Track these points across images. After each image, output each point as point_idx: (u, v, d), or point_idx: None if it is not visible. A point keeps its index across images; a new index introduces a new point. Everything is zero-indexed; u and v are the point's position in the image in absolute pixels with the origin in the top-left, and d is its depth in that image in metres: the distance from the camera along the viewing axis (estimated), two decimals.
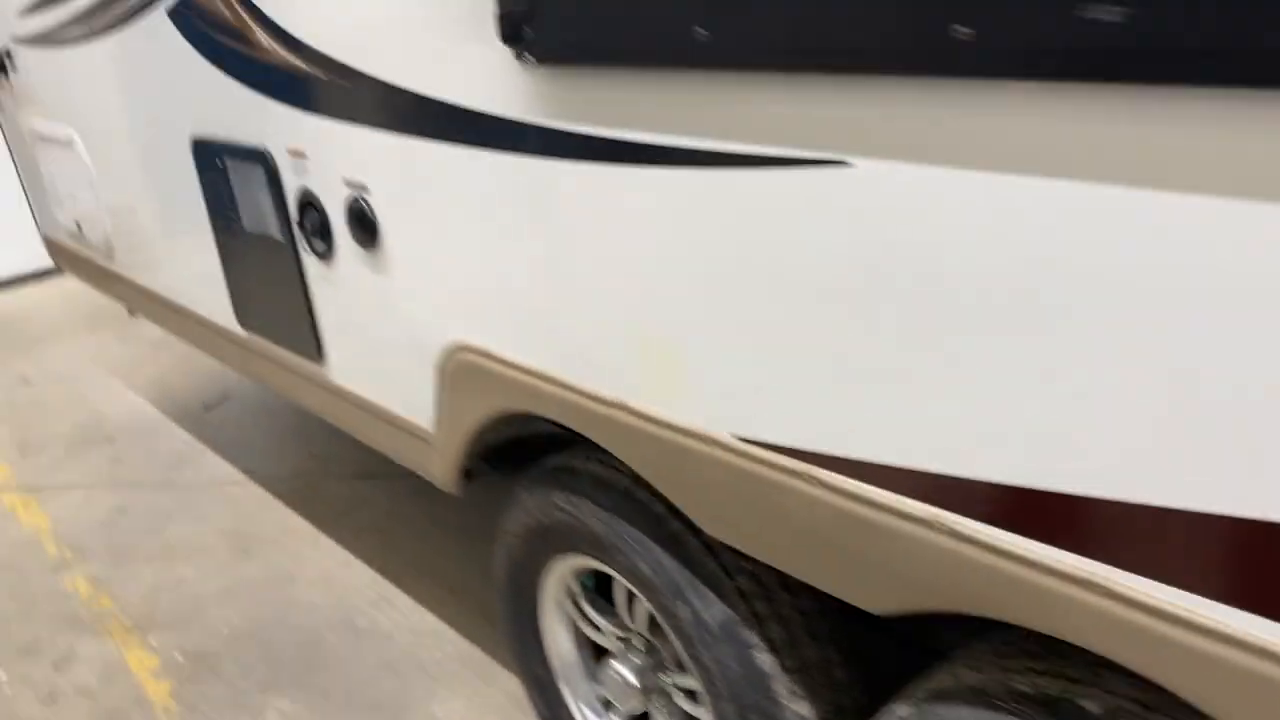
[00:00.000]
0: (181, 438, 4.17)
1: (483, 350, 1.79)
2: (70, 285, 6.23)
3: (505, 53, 1.44)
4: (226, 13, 2.10)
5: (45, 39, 3.16)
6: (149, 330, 5.30)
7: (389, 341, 2.06)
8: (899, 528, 1.17)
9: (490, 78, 1.50)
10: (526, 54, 1.38)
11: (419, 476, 2.29)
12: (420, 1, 1.58)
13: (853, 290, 1.12)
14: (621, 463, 1.74)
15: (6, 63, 3.62)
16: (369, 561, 3.15)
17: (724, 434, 1.36)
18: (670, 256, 1.32)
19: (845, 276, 1.13)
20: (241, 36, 2.09)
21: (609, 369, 1.52)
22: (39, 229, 4.18)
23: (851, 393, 1.18)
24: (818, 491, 1.26)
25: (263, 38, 2.02)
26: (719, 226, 1.24)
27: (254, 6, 2.01)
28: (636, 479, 1.73)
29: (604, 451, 1.78)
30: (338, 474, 3.70)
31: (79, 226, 3.53)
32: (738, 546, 1.45)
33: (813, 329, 1.19)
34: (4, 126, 4.04)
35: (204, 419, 4.32)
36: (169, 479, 3.83)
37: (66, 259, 3.98)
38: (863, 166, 1.06)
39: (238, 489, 3.69)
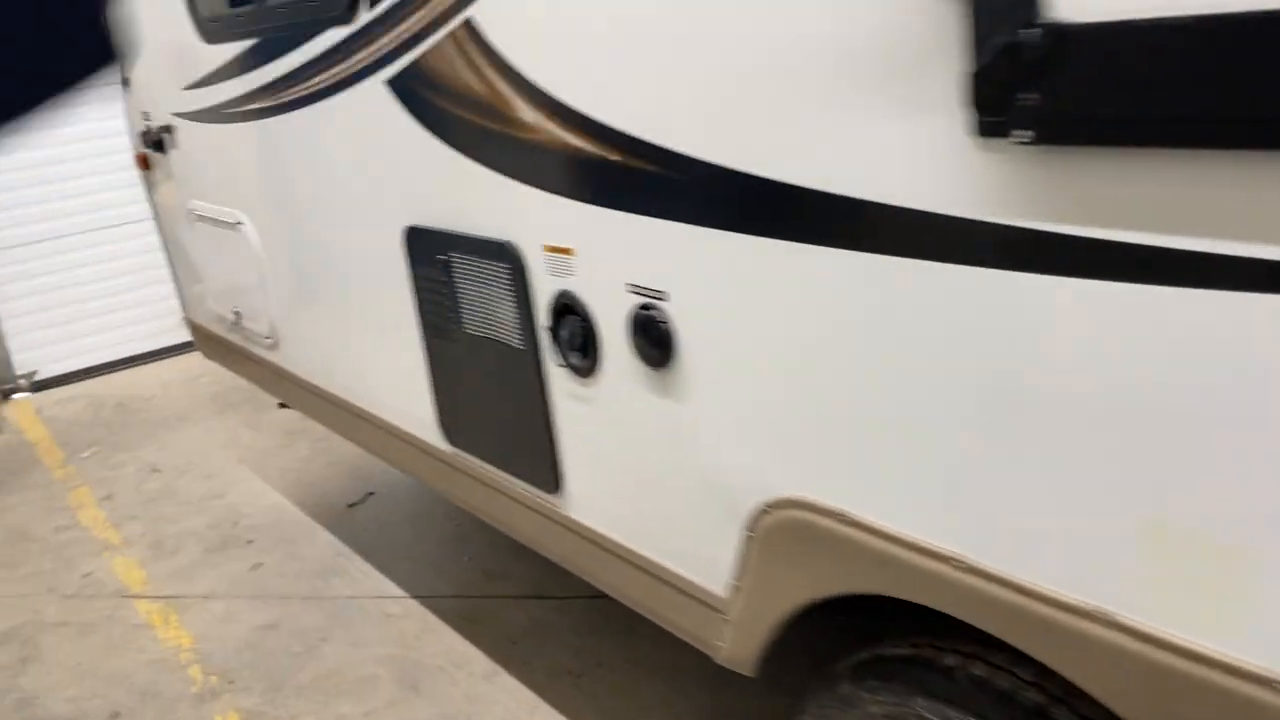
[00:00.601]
0: (326, 540, 3.81)
1: (832, 511, 1.37)
2: (193, 365, 6.01)
3: (955, 127, 1.04)
4: (474, 81, 1.76)
5: (215, 114, 2.89)
6: (280, 416, 5.00)
7: (668, 481, 1.66)
8: None
9: (919, 161, 1.10)
10: (1016, 129, 0.97)
11: (607, 598, 1.92)
12: (799, 58, 1.19)
13: None
14: (1026, 666, 1.29)
15: (165, 139, 3.38)
16: (559, 706, 2.72)
17: None
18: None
19: None
20: (493, 110, 1.74)
21: (1085, 566, 1.09)
22: (184, 313, 3.92)
23: None
24: None
25: (526, 111, 1.66)
26: None
27: (517, 73, 1.66)
28: (1046, 690, 1.28)
29: (982, 643, 1.33)
30: (509, 593, 3.29)
31: (237, 315, 3.24)
32: None
33: None
34: (154, 205, 3.81)
35: (349, 518, 3.97)
36: (318, 591, 3.46)
37: (214, 346, 3.70)
38: None
39: (396, 606, 3.30)
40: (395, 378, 2.38)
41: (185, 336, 4.06)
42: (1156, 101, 0.88)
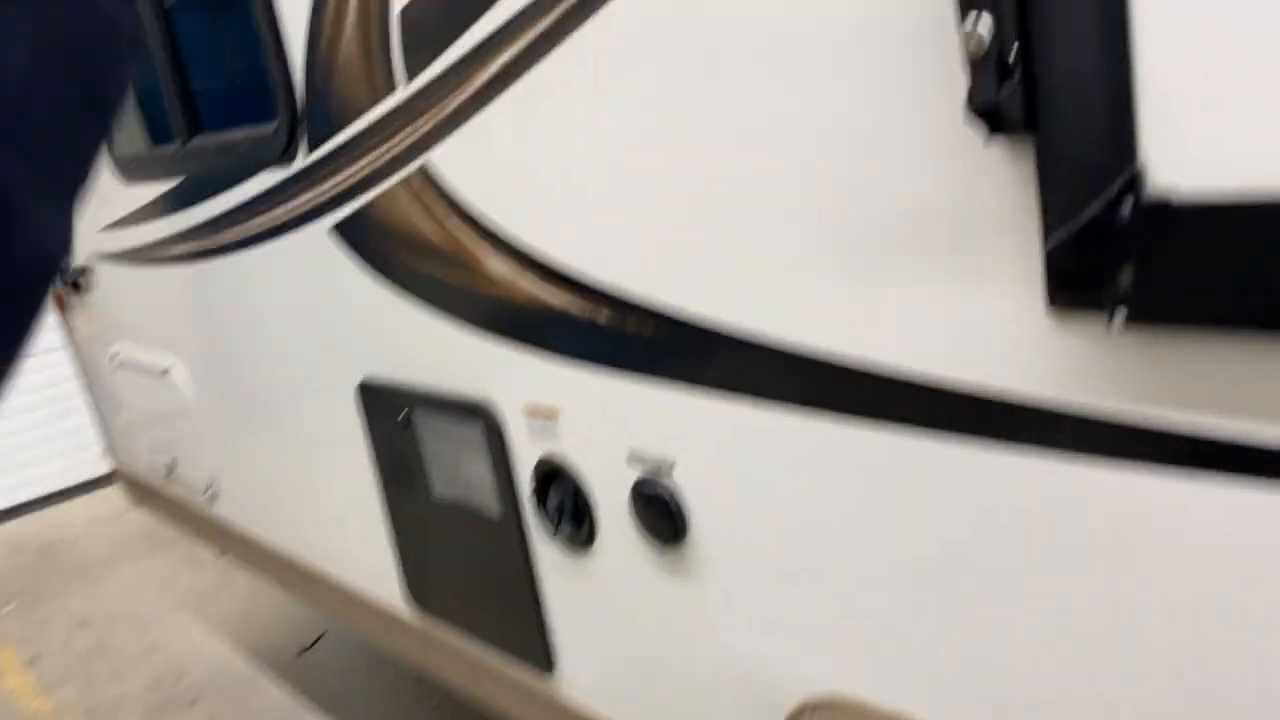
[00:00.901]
0: (278, 695, 3.52)
1: (887, 714, 1.21)
2: (119, 499, 5.66)
3: (1026, 300, 0.91)
4: (434, 232, 1.60)
5: (138, 256, 2.69)
6: None
7: (686, 669, 1.48)
8: None
9: (976, 335, 0.97)
10: (1118, 308, 0.84)
11: None
12: (836, 220, 1.06)
13: None
14: None
15: (81, 281, 3.16)
16: None
17: None
18: None
19: None
20: (458, 262, 1.58)
21: None
22: (113, 461, 3.65)
23: None
24: None
25: (497, 264, 1.51)
26: None
27: (485, 223, 1.51)
28: None
29: None
30: None
31: (171, 464, 2.99)
32: None
33: None
34: (74, 347, 3.56)
35: (300, 666, 3.68)
36: None
37: (146, 496, 3.44)
38: None
39: None
40: (352, 537, 2.18)
41: (108, 468, 3.79)
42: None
